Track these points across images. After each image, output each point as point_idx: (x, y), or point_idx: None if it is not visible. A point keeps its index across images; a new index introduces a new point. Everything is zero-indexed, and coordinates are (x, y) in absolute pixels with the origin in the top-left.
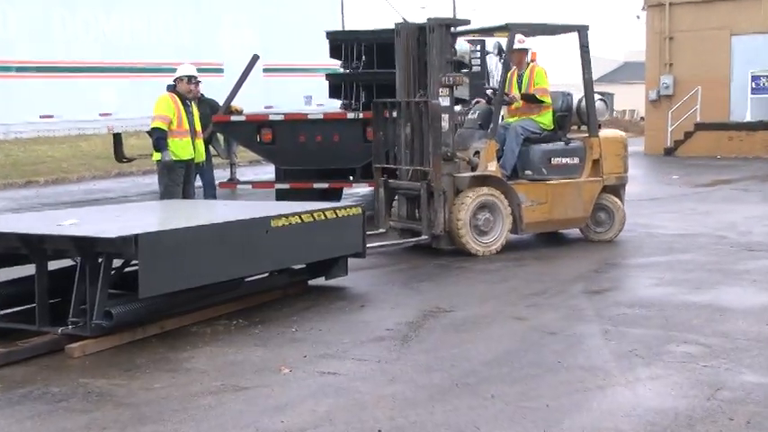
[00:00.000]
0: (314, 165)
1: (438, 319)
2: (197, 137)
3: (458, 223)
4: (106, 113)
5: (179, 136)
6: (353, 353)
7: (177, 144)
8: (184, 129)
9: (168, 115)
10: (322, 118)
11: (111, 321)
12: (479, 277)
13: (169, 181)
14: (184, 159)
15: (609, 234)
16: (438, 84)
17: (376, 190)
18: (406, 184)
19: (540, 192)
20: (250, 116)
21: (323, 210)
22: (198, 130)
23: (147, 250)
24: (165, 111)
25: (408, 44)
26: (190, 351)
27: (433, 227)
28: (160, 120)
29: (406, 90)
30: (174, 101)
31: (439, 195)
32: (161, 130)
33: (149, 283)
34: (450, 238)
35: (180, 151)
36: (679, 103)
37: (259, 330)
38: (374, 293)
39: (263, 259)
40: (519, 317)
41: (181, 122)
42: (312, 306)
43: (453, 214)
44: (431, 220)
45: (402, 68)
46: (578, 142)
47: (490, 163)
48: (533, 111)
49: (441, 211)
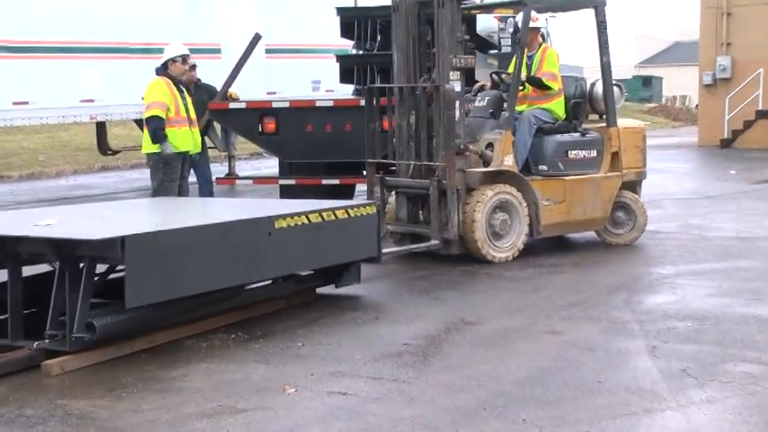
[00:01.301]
0: (323, 158)
1: (463, 333)
2: (192, 125)
3: (473, 226)
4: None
5: (177, 125)
6: (367, 370)
7: (176, 134)
8: (182, 117)
9: (165, 102)
10: (332, 105)
11: (94, 334)
12: (509, 285)
13: (164, 176)
14: (184, 151)
15: (630, 236)
16: (449, 66)
17: (369, 189)
18: (408, 181)
19: (557, 189)
20: (251, 103)
21: (333, 209)
22: (193, 117)
23: (135, 254)
24: (160, 97)
25: (408, 21)
26: (183, 368)
27: (445, 230)
28: (157, 107)
29: (406, 74)
30: (169, 85)
31: (453, 194)
32: (159, 119)
33: (137, 292)
34: (463, 242)
35: (179, 142)
36: (738, 88)
37: (260, 345)
38: (390, 303)
39: (265, 264)
40: (554, 330)
41: (178, 109)
42: (320, 317)
43: (468, 215)
44: (442, 222)
45: (401, 49)
46: (595, 133)
47: (506, 157)
48: (543, 97)
49: (455, 212)
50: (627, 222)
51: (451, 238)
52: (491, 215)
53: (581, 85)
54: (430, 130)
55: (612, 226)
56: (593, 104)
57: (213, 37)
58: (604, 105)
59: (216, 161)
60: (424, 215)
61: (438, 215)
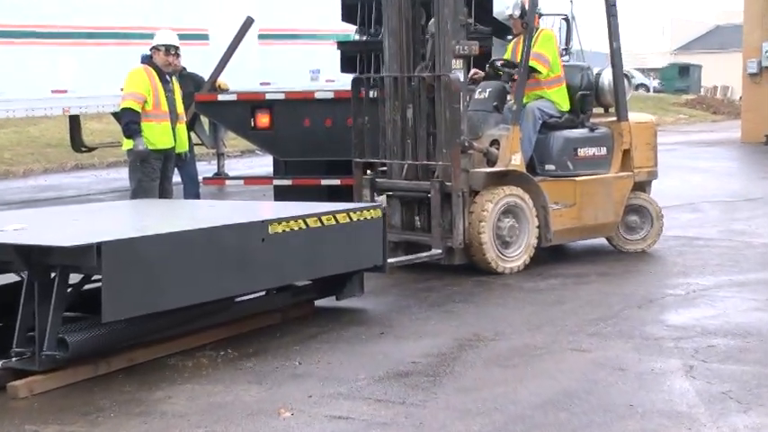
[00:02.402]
0: (322, 156)
1: (477, 351)
2: (178, 121)
3: (480, 233)
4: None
5: (156, 119)
6: (371, 392)
7: (153, 130)
8: (162, 111)
9: (142, 93)
10: (333, 97)
11: (67, 352)
12: (529, 298)
13: (143, 176)
14: (162, 149)
15: (645, 242)
16: (451, 53)
17: (356, 191)
18: (403, 184)
19: (566, 191)
20: (242, 95)
21: (333, 212)
22: (180, 112)
23: (113, 263)
24: (137, 87)
25: (401, 2)
26: (166, 390)
27: (448, 238)
28: (132, 98)
29: (399, 62)
30: (150, 75)
31: (458, 197)
32: (133, 112)
33: (115, 305)
34: (467, 251)
35: (156, 139)
36: None
37: (253, 363)
38: (397, 317)
39: (258, 274)
40: (579, 348)
41: (158, 102)
42: (320, 333)
43: (474, 221)
44: (445, 229)
45: (393, 34)
46: (604, 129)
47: (514, 155)
48: (543, 83)
49: (460, 217)
50: (642, 227)
51: (456, 246)
52: (498, 220)
53: (587, 75)
54: (429, 125)
55: (626, 231)
56: (599, 96)
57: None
58: (614, 97)
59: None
60: (421, 221)
61: (440, 221)
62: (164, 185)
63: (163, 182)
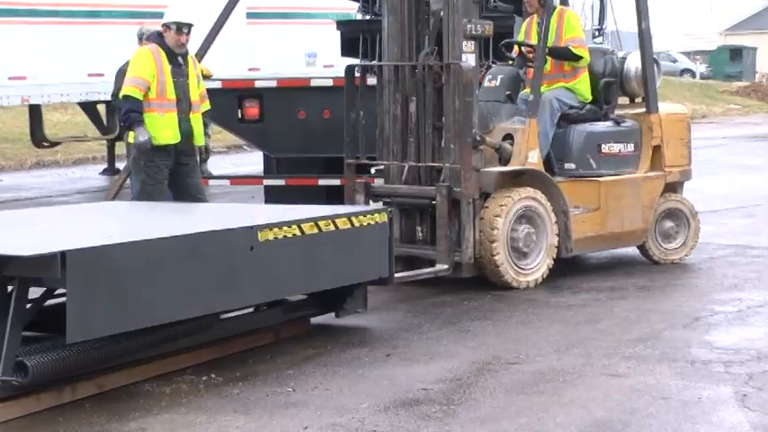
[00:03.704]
0: (319, 152)
1: (498, 375)
2: (192, 110)
3: (492, 243)
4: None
5: (159, 109)
6: (375, 423)
7: (156, 121)
8: (167, 99)
9: (145, 78)
10: (331, 85)
11: (26, 377)
12: (557, 315)
13: (146, 177)
14: (165, 144)
15: (685, 249)
16: (462, 34)
17: (348, 197)
18: (403, 189)
19: (589, 193)
20: (228, 82)
21: (332, 216)
22: (193, 99)
23: (79, 274)
24: (140, 72)
25: None
26: (140, 420)
27: (456, 252)
28: (133, 84)
29: (400, 45)
30: (157, 58)
31: (468, 204)
32: (133, 100)
33: (82, 323)
34: (478, 262)
35: (159, 132)
36: None
37: (239, 390)
38: (406, 337)
39: (246, 287)
40: (615, 373)
41: (163, 90)
42: (316, 355)
43: (485, 228)
44: (452, 241)
45: (393, 14)
46: (631, 122)
47: (531, 152)
48: (569, 74)
49: (470, 228)
50: (679, 232)
51: (465, 261)
52: (512, 228)
53: (611, 60)
54: (435, 120)
55: (663, 240)
56: (624, 85)
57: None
58: (642, 85)
59: None
60: (423, 232)
61: (447, 232)
62: (187, 182)
63: (184, 179)
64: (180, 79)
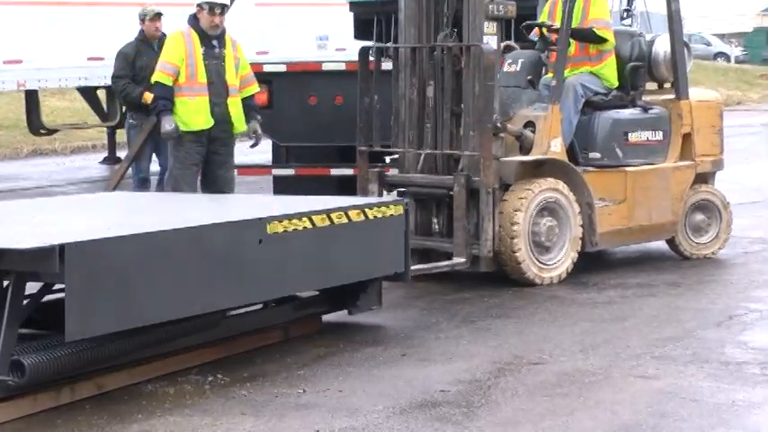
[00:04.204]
0: (331, 140)
1: (520, 376)
2: (230, 94)
3: (513, 237)
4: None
5: (190, 94)
6: (391, 426)
7: (187, 107)
8: (199, 83)
9: (174, 63)
10: (344, 69)
11: (22, 377)
12: (583, 312)
13: (175, 162)
14: (197, 130)
15: (717, 243)
16: (483, 15)
17: (361, 187)
18: (418, 178)
19: (615, 184)
20: None
21: (345, 208)
22: (230, 83)
23: (79, 269)
24: (169, 56)
25: None
26: (142, 422)
27: (474, 245)
28: (161, 70)
29: (418, 29)
30: (188, 41)
31: (487, 195)
32: (161, 86)
33: (81, 320)
34: (498, 258)
35: (191, 118)
36: None
37: (247, 391)
38: (422, 336)
39: (254, 283)
40: (643, 374)
41: (193, 74)
42: (328, 354)
43: (505, 222)
44: (470, 234)
45: None
46: (660, 108)
47: (554, 140)
48: (594, 57)
49: (489, 219)
50: (710, 227)
51: (484, 255)
52: (534, 221)
53: (639, 44)
54: (454, 106)
55: (694, 233)
56: (653, 69)
57: None
58: (672, 70)
59: None
60: (440, 224)
61: (465, 224)
62: (217, 174)
63: (215, 169)
64: (213, 62)
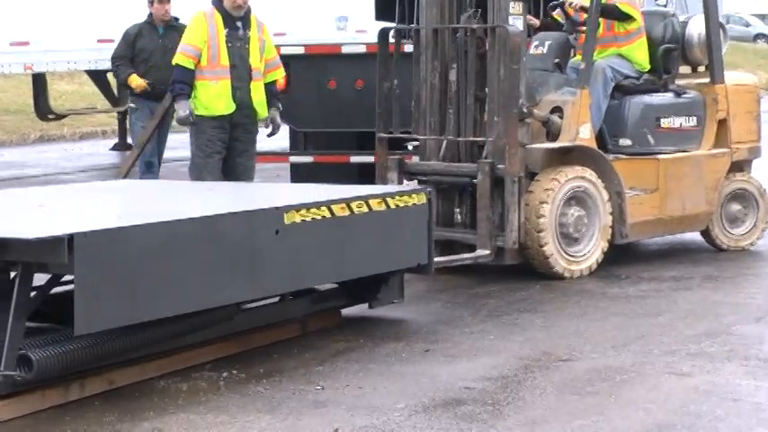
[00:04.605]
0: (351, 126)
1: (548, 373)
2: (253, 78)
3: (539, 228)
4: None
5: (212, 77)
6: (413, 425)
7: (208, 90)
8: (221, 66)
9: (195, 45)
10: (365, 52)
11: (30, 372)
12: (614, 307)
13: (196, 150)
14: (219, 115)
15: (755, 234)
16: None
17: (380, 175)
18: (440, 166)
19: (646, 173)
20: None
21: (365, 197)
22: (254, 66)
23: (88, 260)
24: (191, 39)
25: None
26: (154, 420)
27: (499, 236)
28: (181, 52)
29: (440, 9)
30: (210, 23)
31: (513, 184)
32: (181, 70)
33: (91, 313)
34: (524, 251)
35: (211, 102)
36: None
37: (263, 387)
38: (446, 331)
39: (270, 275)
40: (678, 371)
41: (215, 56)
42: (348, 350)
43: (531, 212)
44: (495, 224)
45: None
46: (694, 93)
47: (582, 126)
48: (622, 38)
49: (515, 210)
50: (747, 217)
51: (509, 246)
52: (561, 212)
53: (672, 25)
54: (478, 90)
55: (729, 224)
56: (686, 52)
57: None
58: (706, 53)
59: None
60: (462, 214)
61: (489, 214)
62: (236, 161)
63: (234, 157)
64: (236, 44)
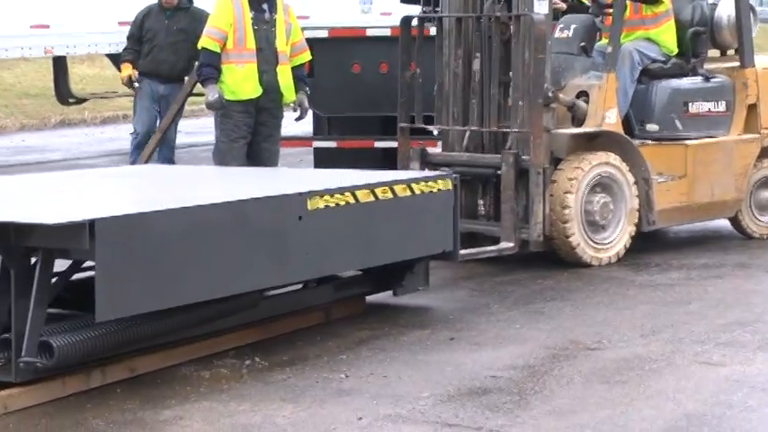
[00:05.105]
0: (376, 110)
1: (576, 362)
2: (279, 62)
3: (564, 215)
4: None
5: (238, 61)
6: (438, 414)
7: (234, 74)
8: (247, 49)
9: (221, 29)
10: (389, 35)
11: (51, 359)
12: (643, 295)
13: (220, 134)
14: (245, 99)
15: None
16: None
17: (402, 164)
18: (465, 157)
19: (674, 159)
20: None
21: (390, 183)
22: (280, 50)
23: (110, 245)
24: (217, 21)
25: None
26: (176, 408)
27: (523, 229)
28: (207, 35)
29: None
30: (236, 5)
31: (537, 175)
32: (208, 53)
33: (112, 300)
34: (550, 242)
35: (239, 86)
36: None
37: (287, 375)
38: (472, 319)
39: (293, 262)
40: (708, 361)
41: (241, 39)
42: (372, 338)
43: (556, 199)
44: (519, 217)
45: None
46: (723, 77)
47: (609, 111)
48: (649, 21)
49: (540, 202)
50: None
51: (534, 239)
52: (587, 200)
53: (700, 7)
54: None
55: (759, 212)
56: (715, 35)
57: None
58: (736, 36)
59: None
60: (486, 206)
61: (513, 206)
62: (261, 146)
63: (259, 142)
64: (263, 27)
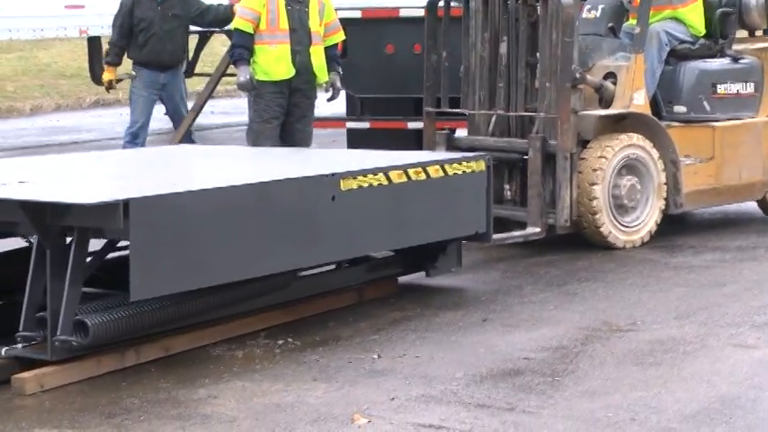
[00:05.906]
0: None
1: (609, 344)
2: (312, 42)
3: (591, 197)
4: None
5: (271, 41)
6: (471, 395)
7: (268, 55)
8: (281, 30)
9: (254, 9)
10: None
11: (86, 338)
12: (677, 277)
13: (254, 115)
14: (278, 80)
15: None
16: None
17: (428, 148)
18: (491, 141)
19: (702, 141)
20: None
21: (423, 163)
22: (314, 30)
23: (144, 225)
24: (251, 2)
25: None
26: (210, 387)
27: (550, 214)
28: (240, 16)
29: None
30: None
31: (565, 159)
32: (241, 34)
33: (147, 279)
34: (577, 227)
35: (272, 67)
36: None
37: (319, 356)
38: (505, 300)
39: (326, 242)
40: (743, 343)
41: (274, 19)
42: (404, 319)
43: (583, 181)
44: (546, 201)
45: None
46: (752, 58)
47: (637, 93)
48: (674, 1)
49: (567, 187)
50: None
51: (561, 224)
52: (614, 183)
53: None
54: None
55: None
56: (743, 15)
57: None
58: (765, 16)
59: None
60: (512, 191)
61: (540, 191)
62: (294, 127)
63: (293, 122)
64: (296, 7)
